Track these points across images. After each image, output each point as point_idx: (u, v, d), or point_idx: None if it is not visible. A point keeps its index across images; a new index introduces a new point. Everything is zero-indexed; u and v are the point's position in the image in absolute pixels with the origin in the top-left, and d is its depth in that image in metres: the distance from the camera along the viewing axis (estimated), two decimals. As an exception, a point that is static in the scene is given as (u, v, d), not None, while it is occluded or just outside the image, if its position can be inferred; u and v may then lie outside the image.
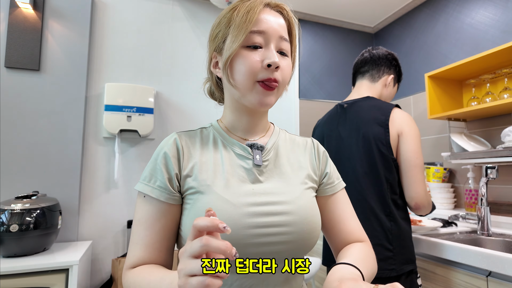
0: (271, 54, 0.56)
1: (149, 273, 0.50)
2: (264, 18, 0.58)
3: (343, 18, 2.44)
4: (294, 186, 0.61)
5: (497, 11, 1.68)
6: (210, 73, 0.68)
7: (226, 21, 0.59)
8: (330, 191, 0.67)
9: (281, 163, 0.64)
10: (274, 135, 0.68)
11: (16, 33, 1.61)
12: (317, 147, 0.71)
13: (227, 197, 0.54)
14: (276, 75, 0.57)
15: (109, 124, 1.70)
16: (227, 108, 0.65)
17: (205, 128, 0.66)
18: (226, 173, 0.58)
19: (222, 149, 0.61)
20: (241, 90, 0.58)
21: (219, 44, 0.61)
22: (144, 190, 0.56)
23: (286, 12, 0.62)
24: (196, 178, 0.57)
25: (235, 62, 0.57)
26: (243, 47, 0.57)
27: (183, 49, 2.01)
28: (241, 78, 0.57)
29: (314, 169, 0.67)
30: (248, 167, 0.60)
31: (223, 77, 0.61)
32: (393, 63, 1.23)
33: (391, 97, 1.26)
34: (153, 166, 0.58)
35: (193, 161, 0.58)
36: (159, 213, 0.56)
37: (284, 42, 0.59)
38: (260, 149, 0.63)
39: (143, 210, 0.57)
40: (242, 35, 0.55)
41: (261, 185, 0.59)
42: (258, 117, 0.65)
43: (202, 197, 0.54)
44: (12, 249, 1.28)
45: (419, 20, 2.17)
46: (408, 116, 1.09)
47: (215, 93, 0.72)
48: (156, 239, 0.55)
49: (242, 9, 0.57)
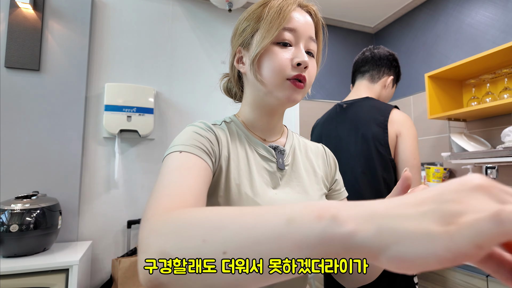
0: (301, 53, 0.55)
1: (227, 207, 0.31)
2: (296, 16, 0.57)
3: (343, 18, 2.43)
4: (312, 191, 0.61)
5: (497, 11, 1.68)
6: (231, 68, 0.66)
7: (256, 16, 0.58)
8: (337, 198, 0.67)
9: (298, 167, 0.63)
10: (290, 138, 0.67)
11: (16, 33, 1.61)
12: (328, 153, 0.71)
13: (258, 200, 0.53)
14: (304, 74, 0.56)
15: (109, 124, 1.70)
16: (247, 105, 0.63)
17: (228, 122, 0.63)
18: (253, 174, 0.56)
19: (247, 147, 0.59)
20: (268, 86, 0.57)
21: (247, 39, 0.59)
22: (179, 149, 0.48)
23: (314, 13, 0.62)
24: (228, 171, 0.54)
25: (264, 58, 0.56)
26: (273, 44, 0.56)
27: (183, 49, 2.01)
28: (270, 74, 0.56)
29: (326, 175, 0.67)
30: (272, 170, 0.59)
31: (249, 73, 0.59)
32: (393, 64, 1.23)
33: (389, 97, 1.26)
34: (188, 136, 0.51)
35: (226, 152, 0.56)
36: (199, 165, 0.46)
37: (312, 43, 0.59)
38: (282, 153, 0.62)
39: (178, 161, 0.46)
40: (275, 31, 0.54)
41: (281, 189, 0.58)
42: (277, 117, 0.64)
43: (233, 199, 0.52)
44: (12, 249, 1.28)
45: (419, 20, 2.17)
46: (406, 117, 1.09)
47: (233, 90, 0.70)
48: (199, 186, 0.43)
49: (274, 6, 0.56)
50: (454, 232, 0.18)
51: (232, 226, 0.26)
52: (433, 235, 0.19)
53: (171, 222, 0.30)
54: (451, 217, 0.19)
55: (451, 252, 0.18)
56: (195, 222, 0.29)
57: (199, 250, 0.26)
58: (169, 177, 0.42)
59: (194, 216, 0.29)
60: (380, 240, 0.20)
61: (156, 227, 0.31)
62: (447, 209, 0.19)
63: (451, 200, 0.20)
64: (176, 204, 0.36)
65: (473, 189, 0.20)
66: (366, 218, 0.21)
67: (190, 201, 0.38)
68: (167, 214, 0.32)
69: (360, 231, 0.21)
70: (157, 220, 0.32)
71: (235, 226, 0.26)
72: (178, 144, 0.49)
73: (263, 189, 0.55)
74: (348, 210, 0.23)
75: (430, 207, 0.20)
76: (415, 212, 0.20)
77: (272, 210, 0.26)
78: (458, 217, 0.19)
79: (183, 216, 0.30)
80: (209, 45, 2.07)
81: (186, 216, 0.30)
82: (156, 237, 0.30)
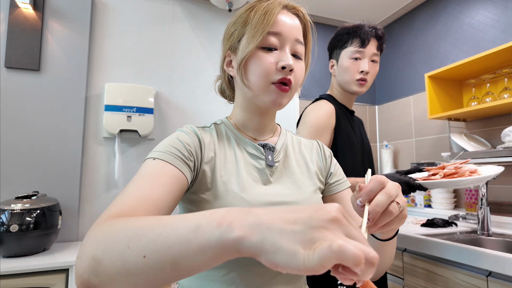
0: (286, 57, 0.56)
1: (151, 217, 0.36)
2: (281, 20, 0.58)
3: (343, 18, 2.43)
4: (304, 187, 0.62)
5: (497, 11, 1.68)
6: (222, 72, 0.68)
7: (243, 20, 0.59)
8: (335, 190, 0.68)
9: (290, 164, 0.64)
10: (282, 136, 0.69)
11: (16, 33, 1.61)
12: (323, 148, 0.72)
13: (244, 196, 0.54)
14: (290, 77, 0.57)
15: (109, 124, 1.70)
16: (238, 107, 0.65)
17: (217, 124, 0.65)
18: (240, 171, 0.58)
19: (235, 147, 0.61)
20: (254, 91, 0.58)
21: (234, 43, 0.60)
22: (153, 155, 0.51)
23: (302, 15, 0.63)
24: (214, 171, 0.56)
25: (250, 63, 0.57)
26: (258, 48, 0.57)
27: (183, 49, 2.01)
28: (255, 79, 0.57)
29: (321, 170, 0.68)
30: (261, 167, 0.60)
31: (237, 77, 0.60)
32: (329, 47, 1.24)
33: (344, 79, 1.15)
34: (168, 142, 0.53)
35: (211, 154, 0.58)
36: (168, 172, 0.48)
37: (299, 45, 0.60)
38: (271, 150, 0.63)
39: (147, 168, 0.49)
40: (259, 36, 0.55)
41: (272, 186, 0.59)
42: (268, 117, 0.65)
43: (219, 195, 0.54)
44: (12, 249, 1.28)
45: (419, 20, 2.17)
46: (310, 107, 1.14)
47: (226, 91, 0.72)
48: (160, 196, 0.45)
49: (259, 10, 0.57)
50: (309, 255, 0.25)
51: (150, 234, 0.31)
52: (297, 254, 0.26)
53: (104, 231, 0.35)
54: (310, 243, 0.26)
55: (306, 267, 0.25)
56: (122, 230, 0.34)
57: (124, 255, 0.31)
58: (132, 185, 0.46)
59: (123, 225, 0.34)
60: (262, 247, 0.27)
61: (92, 235, 0.36)
62: (310, 235, 0.27)
63: (314, 226, 0.27)
64: (124, 212, 0.40)
65: (330, 220, 0.27)
66: (254, 227, 0.28)
67: (139, 210, 0.41)
68: (104, 223, 0.37)
69: (247, 238, 0.27)
70: (94, 227, 0.37)
71: (153, 234, 0.31)
72: (155, 151, 0.52)
73: (251, 186, 0.57)
74: (242, 219, 0.29)
75: (300, 228, 0.27)
76: (290, 230, 0.27)
77: (184, 219, 0.31)
78: (314, 243, 0.26)
79: (114, 225, 0.35)
80: (209, 45, 2.07)
81: (116, 225, 0.35)
82: (90, 244, 0.35)
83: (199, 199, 0.55)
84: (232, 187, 0.55)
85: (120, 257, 0.31)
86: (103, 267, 0.32)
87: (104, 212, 0.41)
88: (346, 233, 0.28)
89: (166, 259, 0.30)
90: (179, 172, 0.50)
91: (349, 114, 1.19)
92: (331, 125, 1.09)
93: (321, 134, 1.06)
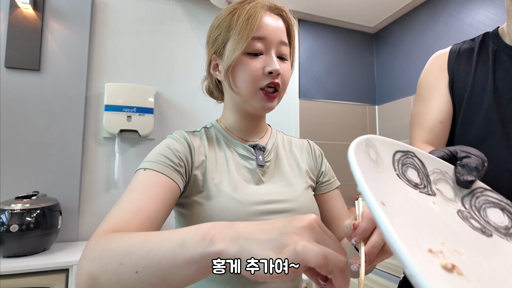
0: (272, 62, 0.57)
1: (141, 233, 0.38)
2: (265, 23, 0.58)
3: (343, 18, 2.43)
4: (295, 185, 0.62)
5: (497, 11, 1.68)
6: (209, 75, 0.69)
7: (226, 25, 0.59)
8: (326, 189, 0.69)
9: (281, 163, 0.65)
10: (273, 136, 0.69)
11: (16, 33, 1.61)
12: (313, 147, 0.73)
13: (235, 196, 0.55)
14: (277, 80, 0.58)
15: (109, 124, 1.70)
16: (228, 109, 0.66)
17: (207, 128, 0.66)
18: (231, 173, 0.58)
19: (225, 149, 0.62)
20: (243, 97, 0.59)
21: (219, 48, 0.61)
22: (144, 166, 0.51)
23: (285, 14, 0.62)
24: (205, 174, 0.57)
25: (237, 69, 0.57)
26: (244, 54, 0.57)
27: (183, 49, 2.01)
28: (243, 85, 0.57)
29: (311, 169, 0.69)
30: (252, 167, 0.61)
31: (225, 83, 0.61)
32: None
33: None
34: (158, 151, 0.54)
35: (201, 158, 0.58)
36: (158, 182, 0.49)
37: (283, 47, 0.60)
38: (262, 150, 0.64)
39: (138, 180, 0.49)
40: (244, 42, 0.55)
41: (264, 185, 0.60)
42: (258, 119, 0.66)
43: (212, 196, 0.55)
44: (12, 249, 1.28)
45: (419, 20, 2.17)
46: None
47: (214, 93, 0.73)
48: (152, 207, 0.46)
49: (242, 14, 0.57)
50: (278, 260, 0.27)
51: (140, 251, 0.33)
52: (269, 260, 0.27)
53: (99, 248, 0.37)
54: (281, 248, 0.28)
55: (276, 272, 0.27)
56: (115, 248, 0.36)
57: (117, 271, 0.34)
58: (125, 197, 0.47)
59: (115, 243, 0.36)
60: (240, 257, 0.29)
61: (88, 252, 0.38)
62: (282, 241, 0.28)
63: (286, 232, 0.29)
64: (117, 227, 0.41)
65: (302, 227, 0.29)
66: (233, 239, 0.30)
67: (133, 222, 0.43)
68: (99, 239, 0.38)
69: (227, 250, 0.29)
70: (90, 244, 0.39)
71: (143, 251, 0.33)
72: (145, 161, 0.53)
73: (243, 186, 0.57)
74: (224, 232, 0.31)
75: (275, 236, 0.29)
76: (265, 239, 0.29)
77: (171, 235, 0.34)
78: (284, 248, 0.28)
79: (108, 243, 0.37)
80: (209, 45, 2.07)
81: (109, 243, 0.37)
82: (87, 262, 0.36)
83: (191, 202, 0.55)
84: (224, 188, 0.55)
85: (115, 274, 0.34)
86: (99, 283, 0.34)
87: (99, 227, 0.42)
88: (318, 240, 0.29)
89: (156, 274, 0.32)
90: (170, 180, 0.51)
91: None
92: None
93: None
